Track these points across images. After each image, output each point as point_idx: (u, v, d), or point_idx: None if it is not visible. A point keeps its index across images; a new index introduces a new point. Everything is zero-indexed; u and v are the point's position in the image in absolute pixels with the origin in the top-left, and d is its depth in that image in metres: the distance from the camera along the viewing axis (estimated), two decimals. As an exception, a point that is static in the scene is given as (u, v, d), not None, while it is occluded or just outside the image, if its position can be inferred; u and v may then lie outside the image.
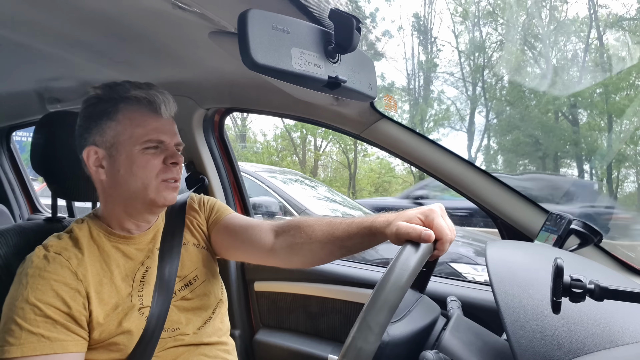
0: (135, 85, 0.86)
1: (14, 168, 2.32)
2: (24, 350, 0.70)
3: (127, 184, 0.83)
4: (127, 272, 0.85)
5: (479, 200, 1.16)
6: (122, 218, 0.88)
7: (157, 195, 0.84)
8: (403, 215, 0.70)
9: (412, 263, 0.57)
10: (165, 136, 0.86)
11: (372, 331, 0.50)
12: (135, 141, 0.83)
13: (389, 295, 0.52)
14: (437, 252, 0.66)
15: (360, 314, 0.52)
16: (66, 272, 0.77)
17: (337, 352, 1.29)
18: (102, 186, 0.87)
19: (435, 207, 0.69)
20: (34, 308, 0.72)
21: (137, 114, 0.84)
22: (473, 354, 0.70)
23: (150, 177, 0.84)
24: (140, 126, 0.84)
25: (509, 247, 0.78)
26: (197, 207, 1.01)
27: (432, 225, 0.65)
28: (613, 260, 1.05)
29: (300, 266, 0.91)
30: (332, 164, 14.60)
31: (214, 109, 1.48)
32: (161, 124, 0.86)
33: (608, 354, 0.49)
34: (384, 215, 0.76)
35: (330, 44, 0.66)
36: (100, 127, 0.84)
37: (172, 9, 0.75)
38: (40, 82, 1.48)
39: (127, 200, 0.86)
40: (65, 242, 0.82)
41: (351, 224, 0.80)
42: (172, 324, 0.87)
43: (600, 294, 0.45)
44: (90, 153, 0.84)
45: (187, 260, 0.94)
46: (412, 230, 0.64)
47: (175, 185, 0.87)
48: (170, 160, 0.86)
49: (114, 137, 0.83)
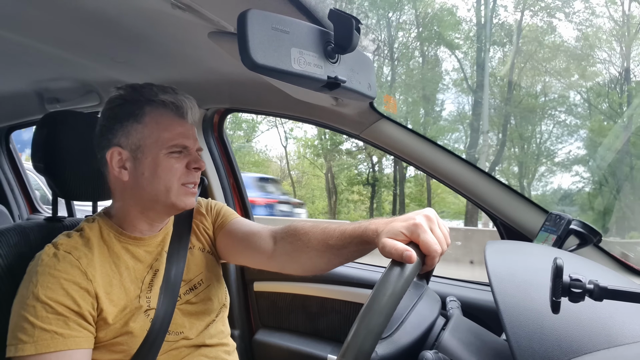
0: (161, 89, 0.87)
1: (13, 168, 2.31)
2: (38, 348, 0.70)
3: (150, 186, 0.84)
4: (137, 274, 0.85)
5: (478, 200, 1.16)
6: (136, 219, 0.88)
7: (177, 199, 0.85)
8: (389, 229, 0.66)
9: (397, 287, 0.55)
10: (189, 141, 0.87)
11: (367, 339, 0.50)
12: (161, 145, 0.83)
13: (372, 321, 0.51)
14: (426, 267, 0.63)
15: (346, 338, 0.51)
16: (76, 271, 0.77)
17: (336, 352, 1.29)
18: (122, 187, 0.87)
19: (421, 219, 0.64)
20: (45, 306, 0.72)
21: (164, 118, 0.85)
22: (472, 354, 0.70)
23: (173, 180, 0.84)
24: (167, 130, 0.84)
25: (508, 247, 0.78)
26: (204, 212, 1.01)
27: (418, 241, 0.62)
28: (612, 260, 1.05)
29: (300, 273, 0.90)
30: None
31: (213, 109, 1.48)
32: (186, 129, 0.87)
33: (607, 354, 0.49)
34: (374, 223, 0.73)
35: (330, 44, 0.66)
36: (126, 128, 0.84)
37: (172, 9, 0.75)
38: (40, 82, 1.48)
39: (147, 202, 0.86)
40: (75, 241, 0.82)
41: (344, 232, 0.79)
42: (176, 328, 0.87)
43: (599, 294, 0.45)
44: (114, 154, 0.84)
45: (193, 264, 0.94)
46: (394, 250, 0.60)
47: (194, 191, 0.88)
48: (193, 165, 0.86)
49: (140, 140, 0.84)
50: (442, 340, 0.74)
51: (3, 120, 2.04)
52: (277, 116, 1.46)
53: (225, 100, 1.40)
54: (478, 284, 1.27)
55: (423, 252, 0.62)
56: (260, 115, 13.00)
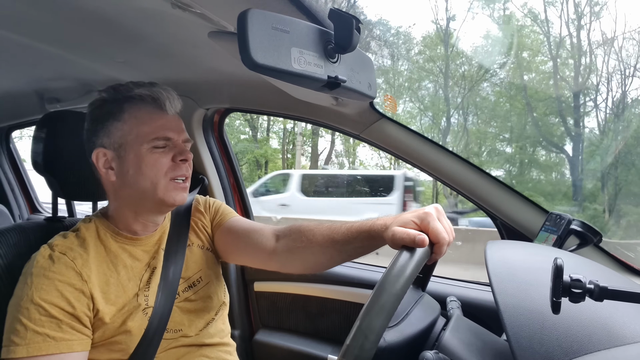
0: (138, 84, 0.86)
1: (13, 168, 2.31)
2: (30, 350, 0.70)
3: (136, 183, 0.83)
4: (134, 272, 0.85)
5: (478, 200, 1.16)
6: (130, 220, 0.87)
7: (165, 194, 0.84)
8: (399, 220, 0.69)
9: (407, 269, 0.57)
10: (172, 132, 0.85)
11: (368, 339, 0.50)
12: (142, 139, 0.82)
13: (384, 302, 0.52)
14: (435, 255, 0.65)
15: (356, 321, 0.52)
16: (71, 272, 0.76)
17: (337, 353, 1.29)
18: (112, 188, 0.87)
19: (431, 209, 0.68)
20: (38, 308, 0.72)
21: (143, 112, 0.84)
22: (473, 354, 0.70)
23: (159, 175, 0.83)
24: (146, 124, 0.83)
25: (508, 248, 0.78)
26: (203, 209, 1.01)
27: (428, 228, 0.64)
28: (613, 261, 1.05)
29: (301, 271, 0.90)
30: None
31: (213, 109, 1.48)
32: (167, 120, 0.85)
33: (608, 354, 0.49)
34: (382, 219, 0.75)
35: (330, 44, 0.66)
36: (107, 128, 0.84)
37: (172, 8, 0.75)
38: (40, 82, 1.48)
39: (136, 201, 0.85)
40: (70, 241, 0.82)
41: (350, 228, 0.79)
42: (175, 325, 0.86)
43: (599, 294, 0.45)
44: (99, 155, 0.84)
45: (192, 262, 0.94)
46: (406, 235, 0.63)
47: (184, 185, 0.87)
48: (179, 158, 0.85)
49: (121, 138, 0.83)
50: (443, 340, 0.74)
51: (3, 120, 2.04)
52: (277, 116, 1.46)
53: (225, 100, 1.40)
54: (478, 283, 1.26)
55: (432, 241, 0.64)
56: (260, 115, 12.98)
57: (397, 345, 0.77)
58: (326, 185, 9.11)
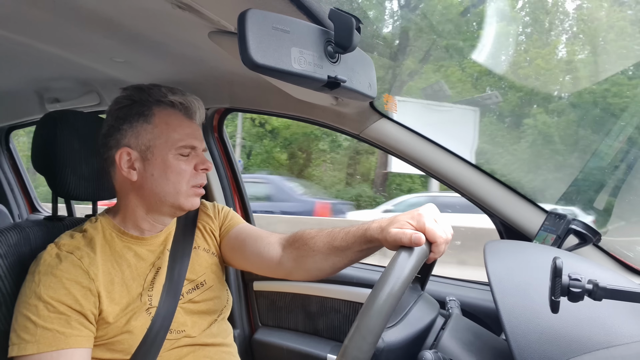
0: (172, 91, 0.87)
1: (13, 168, 2.31)
2: (40, 347, 0.71)
3: (159, 187, 0.84)
4: (139, 272, 0.85)
5: (478, 200, 1.16)
6: (140, 219, 0.88)
7: (185, 200, 0.86)
8: (394, 222, 0.69)
9: (405, 270, 0.57)
10: (197, 142, 0.88)
11: (366, 340, 0.50)
12: (171, 145, 0.84)
13: (382, 302, 0.52)
14: (433, 254, 0.65)
15: (355, 321, 0.52)
16: (78, 270, 0.77)
17: (336, 352, 1.29)
18: (130, 187, 0.87)
19: (425, 210, 0.68)
20: (47, 305, 0.73)
21: (173, 119, 0.86)
22: (472, 354, 0.70)
23: (182, 182, 0.85)
24: (176, 131, 0.85)
25: (507, 247, 0.78)
26: (212, 214, 1.02)
27: (424, 229, 0.65)
28: (612, 260, 1.06)
29: (306, 279, 0.90)
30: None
31: (213, 109, 1.48)
32: (193, 129, 0.88)
33: (606, 353, 0.50)
34: (377, 221, 0.75)
35: (330, 44, 0.66)
36: (136, 129, 0.84)
37: (172, 8, 0.75)
38: (40, 82, 1.48)
39: (153, 203, 0.86)
40: (77, 241, 0.82)
41: (348, 232, 0.80)
42: (178, 326, 0.87)
43: (598, 294, 0.45)
44: (123, 154, 0.84)
45: (197, 264, 0.94)
46: (402, 235, 0.64)
47: (201, 192, 0.89)
48: (201, 167, 0.88)
49: (150, 141, 0.84)
50: (442, 340, 0.74)
51: (3, 120, 2.04)
52: (277, 116, 1.46)
53: (225, 100, 1.40)
54: (478, 283, 1.27)
55: (429, 240, 0.64)
56: (260, 115, 12.83)
57: (396, 345, 0.77)
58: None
